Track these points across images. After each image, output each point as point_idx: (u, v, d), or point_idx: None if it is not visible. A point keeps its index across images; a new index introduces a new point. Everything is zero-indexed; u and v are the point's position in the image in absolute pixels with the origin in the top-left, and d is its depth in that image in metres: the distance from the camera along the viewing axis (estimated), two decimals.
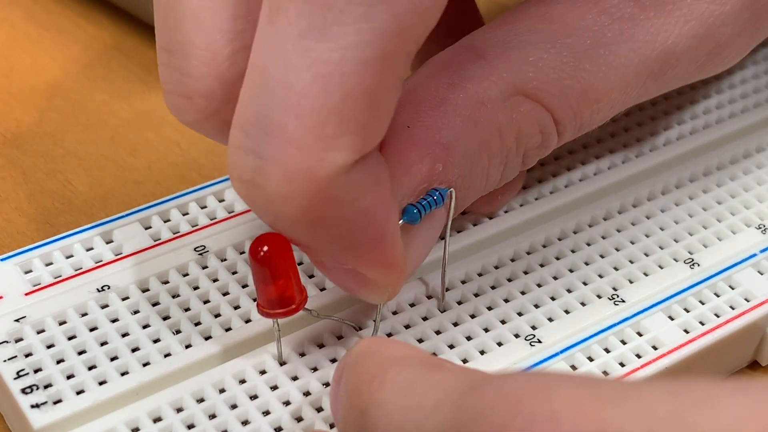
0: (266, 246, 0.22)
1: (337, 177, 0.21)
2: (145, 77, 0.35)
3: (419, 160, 0.24)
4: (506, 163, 0.25)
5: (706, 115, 0.32)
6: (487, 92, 0.25)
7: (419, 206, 0.24)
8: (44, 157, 0.32)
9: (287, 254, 0.23)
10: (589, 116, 0.26)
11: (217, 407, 0.24)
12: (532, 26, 0.26)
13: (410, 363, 0.20)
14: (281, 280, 0.23)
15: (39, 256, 0.26)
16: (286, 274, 0.23)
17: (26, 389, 0.23)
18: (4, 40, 0.36)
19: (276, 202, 0.21)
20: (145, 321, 0.25)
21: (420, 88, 0.25)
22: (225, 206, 0.28)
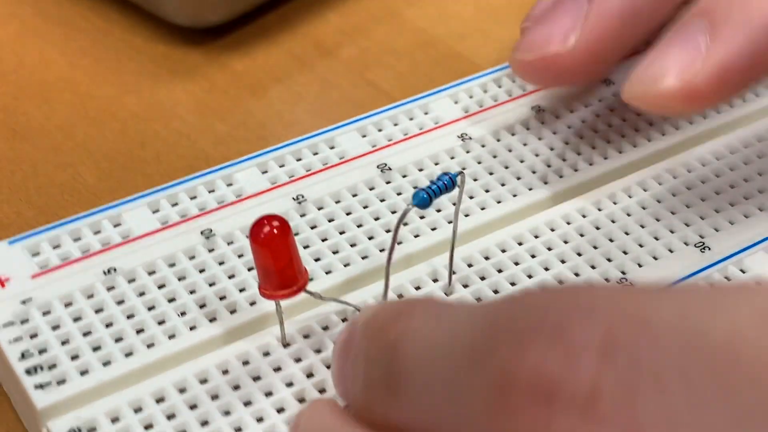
0: (267, 228, 0.23)
1: None
2: (154, 71, 0.35)
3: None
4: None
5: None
6: None
7: (429, 190, 0.24)
8: (54, 150, 0.33)
9: (287, 236, 0.23)
10: None
11: (220, 388, 0.24)
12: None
13: (434, 300, 0.20)
14: (282, 262, 0.23)
15: (47, 239, 0.27)
16: (287, 256, 0.23)
17: (30, 370, 0.24)
18: (13, 35, 0.37)
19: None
20: (150, 303, 0.25)
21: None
22: (233, 190, 0.28)
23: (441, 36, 0.37)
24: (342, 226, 0.27)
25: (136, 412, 0.23)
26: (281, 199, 0.28)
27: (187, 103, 0.34)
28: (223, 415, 0.23)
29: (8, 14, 0.37)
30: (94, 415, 0.23)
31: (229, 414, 0.23)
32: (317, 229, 0.27)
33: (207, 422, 0.23)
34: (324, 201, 0.28)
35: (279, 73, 0.35)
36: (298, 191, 0.28)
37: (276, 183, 0.28)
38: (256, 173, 0.29)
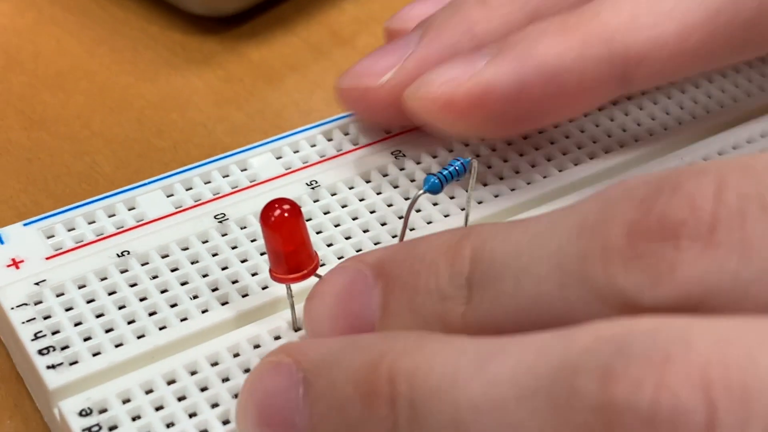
0: (277, 211, 0.23)
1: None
2: (171, 60, 0.36)
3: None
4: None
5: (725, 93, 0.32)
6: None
7: (440, 176, 0.24)
8: (71, 138, 0.33)
9: (298, 219, 0.23)
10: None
11: (231, 371, 0.24)
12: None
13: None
14: (292, 246, 0.23)
15: (62, 222, 0.27)
16: (298, 240, 0.23)
17: (43, 350, 0.24)
18: (30, 24, 0.37)
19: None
20: (163, 286, 0.25)
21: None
22: (247, 175, 0.28)
23: None
24: (355, 212, 0.28)
25: (147, 394, 0.23)
26: (295, 184, 0.28)
27: (203, 92, 0.34)
28: (233, 397, 0.23)
29: (26, 3, 0.37)
30: (105, 395, 0.23)
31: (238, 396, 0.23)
32: (330, 214, 0.27)
33: (217, 404, 0.23)
34: (337, 187, 0.28)
35: (295, 61, 0.36)
36: (311, 177, 0.28)
37: (290, 168, 0.29)
38: (270, 158, 0.29)
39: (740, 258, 0.17)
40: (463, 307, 0.20)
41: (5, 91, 0.34)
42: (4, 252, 0.26)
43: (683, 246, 0.17)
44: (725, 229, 0.17)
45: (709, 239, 0.17)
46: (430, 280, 0.21)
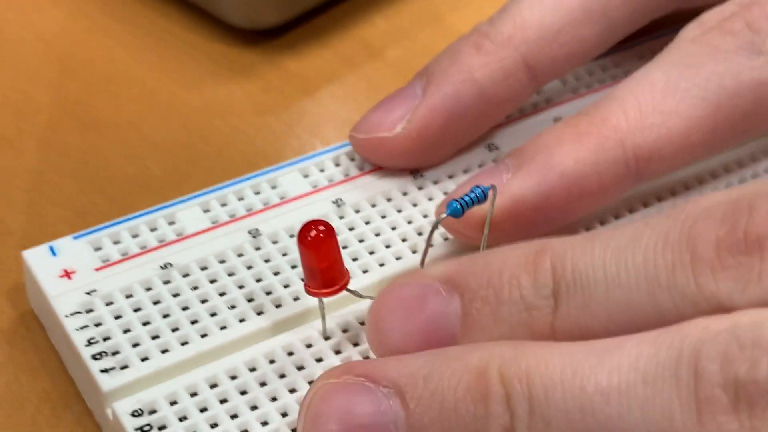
0: (313, 231, 0.25)
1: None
2: (213, 69, 0.38)
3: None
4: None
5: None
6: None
7: (462, 202, 0.26)
8: (122, 143, 0.35)
9: (332, 239, 0.25)
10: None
11: (267, 376, 0.26)
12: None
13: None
14: (326, 263, 0.25)
15: (108, 235, 0.29)
16: (331, 258, 0.25)
17: (96, 355, 0.26)
18: (82, 32, 0.39)
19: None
20: (203, 296, 0.28)
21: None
22: (277, 193, 0.30)
23: None
24: (377, 229, 0.30)
25: (191, 396, 0.25)
26: (321, 202, 0.30)
27: (244, 101, 0.37)
28: (271, 400, 0.25)
29: (76, 11, 0.39)
30: (154, 397, 0.25)
31: (275, 400, 0.25)
32: (354, 231, 0.30)
33: (256, 407, 0.25)
34: (361, 205, 0.30)
35: (329, 73, 0.38)
36: (337, 195, 0.30)
37: (317, 187, 0.31)
38: (298, 177, 0.31)
39: None
40: (551, 316, 0.22)
41: (61, 96, 0.36)
42: (57, 263, 0.28)
43: (766, 255, 0.20)
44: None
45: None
46: (513, 292, 0.23)
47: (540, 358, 0.21)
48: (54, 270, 0.28)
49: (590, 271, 0.22)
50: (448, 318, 0.23)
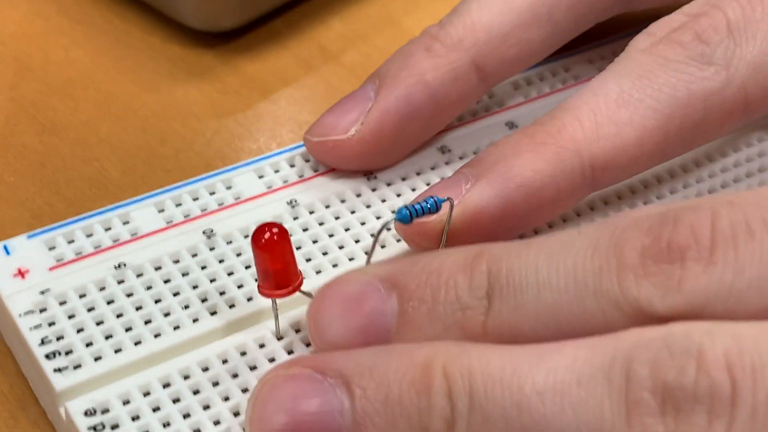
0: (267, 234, 0.25)
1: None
2: (172, 71, 0.38)
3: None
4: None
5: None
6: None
7: (412, 209, 0.26)
8: (80, 144, 0.35)
9: (286, 242, 0.25)
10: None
11: (220, 376, 0.26)
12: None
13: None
14: (280, 265, 0.26)
15: (62, 234, 0.29)
16: (285, 260, 0.26)
17: (50, 355, 0.26)
18: (39, 32, 0.39)
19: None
20: (157, 296, 0.28)
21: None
22: (232, 193, 0.31)
23: None
24: (331, 230, 0.30)
25: (144, 396, 0.26)
26: (276, 202, 0.30)
27: (202, 103, 0.37)
28: (223, 400, 0.26)
29: (33, 12, 0.39)
30: (107, 397, 0.25)
31: (228, 399, 0.26)
32: (308, 231, 0.30)
33: (208, 406, 0.26)
34: (315, 206, 0.31)
35: (287, 75, 0.38)
36: (291, 196, 0.31)
37: (271, 187, 0.31)
38: (253, 178, 0.31)
39: (734, 272, 0.21)
40: (484, 316, 0.23)
41: (18, 96, 0.37)
42: (11, 263, 0.28)
43: (688, 265, 0.21)
44: (722, 251, 0.21)
45: (709, 259, 0.21)
46: (449, 292, 0.24)
47: (482, 357, 0.22)
48: (7, 269, 0.28)
49: (523, 274, 0.23)
50: (385, 315, 0.24)
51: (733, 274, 0.21)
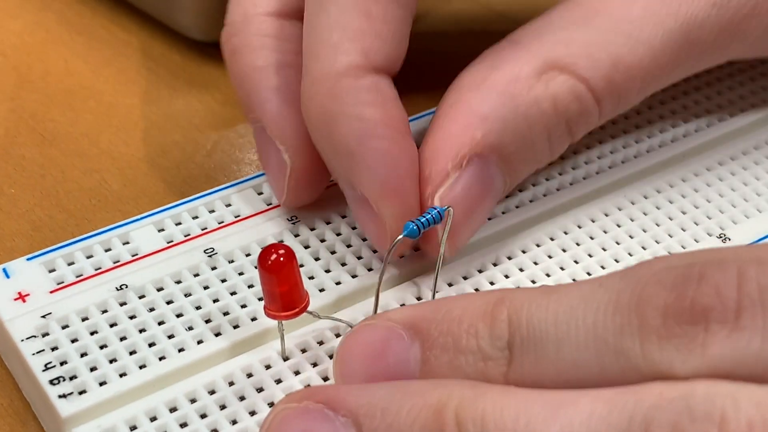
0: (274, 255, 0.25)
1: (345, 78, 0.26)
2: (172, 82, 0.38)
3: (459, 130, 0.27)
4: (550, 132, 0.29)
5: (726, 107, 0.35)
6: (521, 69, 0.28)
7: (418, 223, 0.26)
8: (80, 156, 0.35)
9: (292, 263, 0.25)
10: (624, 85, 0.29)
11: (227, 398, 0.26)
12: (563, 14, 0.30)
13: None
14: (286, 287, 0.25)
15: (62, 256, 0.29)
16: (291, 281, 0.25)
17: (54, 380, 0.26)
18: (39, 43, 0.39)
19: (307, 103, 0.27)
20: (160, 318, 0.28)
21: (463, 75, 0.29)
22: (232, 211, 0.30)
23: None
24: (332, 246, 0.30)
25: (151, 421, 0.25)
26: (277, 219, 0.30)
27: (203, 114, 0.37)
28: (231, 423, 0.25)
29: (34, 23, 0.39)
30: (114, 423, 0.25)
31: (236, 423, 0.25)
32: (310, 249, 0.30)
33: (216, 430, 0.25)
34: (316, 222, 0.30)
35: None
36: (292, 212, 0.30)
37: (271, 204, 0.31)
38: (252, 194, 0.31)
39: (763, 339, 0.20)
40: (505, 367, 0.23)
41: (18, 108, 0.36)
42: (11, 286, 0.28)
43: (713, 329, 0.21)
44: (749, 315, 0.20)
45: (735, 324, 0.21)
46: (470, 342, 0.23)
47: (497, 404, 0.21)
48: (8, 293, 0.28)
49: (543, 327, 0.22)
50: (408, 364, 0.24)
51: (761, 342, 0.20)
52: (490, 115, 0.27)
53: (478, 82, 0.28)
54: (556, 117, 0.28)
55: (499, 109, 0.28)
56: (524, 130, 0.28)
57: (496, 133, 0.28)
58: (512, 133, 0.28)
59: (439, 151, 0.27)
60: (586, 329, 0.22)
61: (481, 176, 0.28)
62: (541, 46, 0.29)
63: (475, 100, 0.28)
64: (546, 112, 0.28)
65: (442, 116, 0.28)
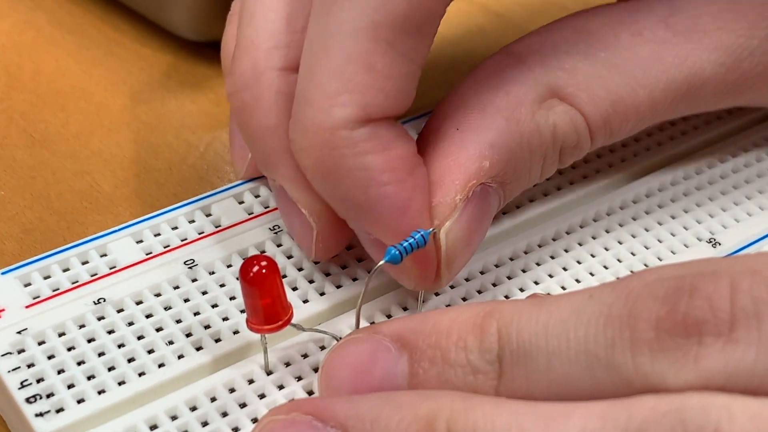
0: (256, 267, 0.24)
1: (341, 130, 0.24)
2: (164, 82, 0.37)
3: (468, 159, 0.27)
4: (545, 158, 0.28)
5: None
6: (527, 95, 0.28)
7: (400, 248, 0.25)
8: (71, 157, 0.34)
9: (275, 274, 0.24)
10: (618, 126, 0.29)
11: (209, 415, 0.25)
12: (569, 38, 0.29)
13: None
14: (269, 299, 0.25)
15: (38, 270, 0.28)
16: (274, 293, 0.25)
17: (30, 398, 0.25)
18: (29, 43, 0.38)
19: (299, 154, 0.26)
20: (139, 332, 0.27)
21: (467, 93, 0.28)
22: (212, 220, 0.30)
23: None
24: None
25: None
26: (259, 229, 0.30)
27: (196, 115, 0.36)
28: None
29: (24, 23, 0.39)
30: None
31: None
32: (293, 259, 0.29)
33: None
34: None
35: None
36: (273, 222, 0.30)
37: (252, 213, 0.30)
38: (233, 204, 0.30)
39: (757, 352, 0.20)
40: (495, 381, 0.22)
41: (8, 108, 0.36)
42: None
43: (706, 342, 0.20)
44: (743, 328, 0.20)
45: (729, 336, 0.20)
46: (459, 355, 0.23)
47: (488, 416, 0.21)
48: None
49: (533, 340, 0.22)
50: (396, 377, 0.23)
51: (756, 355, 0.20)
52: (496, 142, 0.27)
53: (485, 103, 0.27)
54: (554, 145, 0.28)
55: (505, 136, 0.27)
56: (526, 158, 0.28)
57: (503, 163, 0.27)
58: (515, 160, 0.27)
59: (446, 180, 0.26)
60: (577, 343, 0.21)
61: (482, 203, 0.27)
62: (546, 72, 0.28)
63: (482, 125, 0.27)
64: (545, 140, 0.28)
65: (448, 139, 0.27)
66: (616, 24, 0.29)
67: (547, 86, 0.28)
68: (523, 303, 0.23)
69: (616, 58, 0.29)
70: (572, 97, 0.28)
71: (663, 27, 0.29)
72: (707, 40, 0.29)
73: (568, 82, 0.28)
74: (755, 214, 0.31)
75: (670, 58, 0.29)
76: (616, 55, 0.29)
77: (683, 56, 0.29)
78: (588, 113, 0.28)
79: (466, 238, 0.27)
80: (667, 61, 0.29)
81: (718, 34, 0.29)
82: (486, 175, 0.27)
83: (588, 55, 0.29)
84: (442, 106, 0.28)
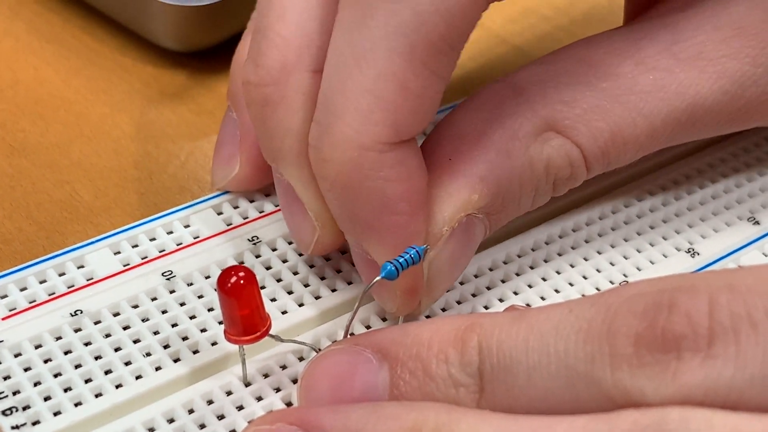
0: (233, 278, 0.24)
1: (371, 150, 0.24)
2: (144, 91, 0.37)
3: (457, 190, 0.26)
4: (537, 190, 0.28)
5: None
6: (521, 127, 0.27)
7: (396, 263, 0.25)
8: (51, 167, 0.34)
9: (253, 285, 0.24)
10: (616, 156, 0.29)
11: (186, 427, 0.25)
12: (570, 68, 0.28)
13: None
14: (247, 310, 0.24)
15: (14, 282, 0.28)
16: (252, 304, 0.24)
17: (6, 411, 0.25)
18: (8, 52, 0.38)
19: (321, 164, 0.25)
20: (116, 344, 0.27)
21: (462, 122, 0.28)
22: (191, 232, 0.30)
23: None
24: (294, 267, 0.29)
25: None
26: (237, 240, 0.29)
27: (176, 124, 0.36)
28: None
29: (2, 31, 0.39)
30: None
31: None
32: (272, 270, 0.29)
33: None
34: (277, 242, 0.30)
35: None
36: (252, 233, 0.30)
37: (231, 224, 0.30)
38: (211, 215, 0.30)
39: (735, 368, 0.20)
40: (477, 394, 0.22)
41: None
42: None
43: (685, 357, 0.20)
44: (721, 343, 0.20)
45: (708, 352, 0.20)
46: (440, 367, 0.23)
47: (472, 429, 0.21)
48: None
49: (514, 354, 0.22)
50: (376, 388, 0.23)
51: (734, 370, 0.20)
52: (487, 176, 0.27)
53: (479, 133, 0.27)
54: (546, 178, 0.28)
55: (496, 170, 0.27)
56: (515, 191, 0.27)
57: (491, 196, 0.27)
58: (504, 193, 0.27)
59: (434, 210, 0.26)
60: (557, 358, 0.21)
61: (467, 234, 0.27)
62: (544, 105, 0.28)
63: (474, 157, 0.27)
64: (537, 173, 0.28)
65: (440, 169, 0.27)
66: (619, 54, 0.29)
67: (544, 119, 0.28)
68: (503, 316, 0.23)
69: (617, 89, 0.28)
70: (569, 129, 0.28)
71: (667, 55, 0.29)
72: (711, 68, 0.29)
73: (566, 115, 0.28)
74: (733, 224, 0.31)
75: (673, 87, 0.29)
76: (617, 86, 0.28)
77: (686, 84, 0.29)
78: (585, 146, 0.28)
79: (449, 268, 0.27)
80: (670, 90, 0.28)
81: (723, 62, 0.29)
82: (474, 207, 0.27)
83: (589, 86, 0.28)
84: (436, 132, 0.28)
